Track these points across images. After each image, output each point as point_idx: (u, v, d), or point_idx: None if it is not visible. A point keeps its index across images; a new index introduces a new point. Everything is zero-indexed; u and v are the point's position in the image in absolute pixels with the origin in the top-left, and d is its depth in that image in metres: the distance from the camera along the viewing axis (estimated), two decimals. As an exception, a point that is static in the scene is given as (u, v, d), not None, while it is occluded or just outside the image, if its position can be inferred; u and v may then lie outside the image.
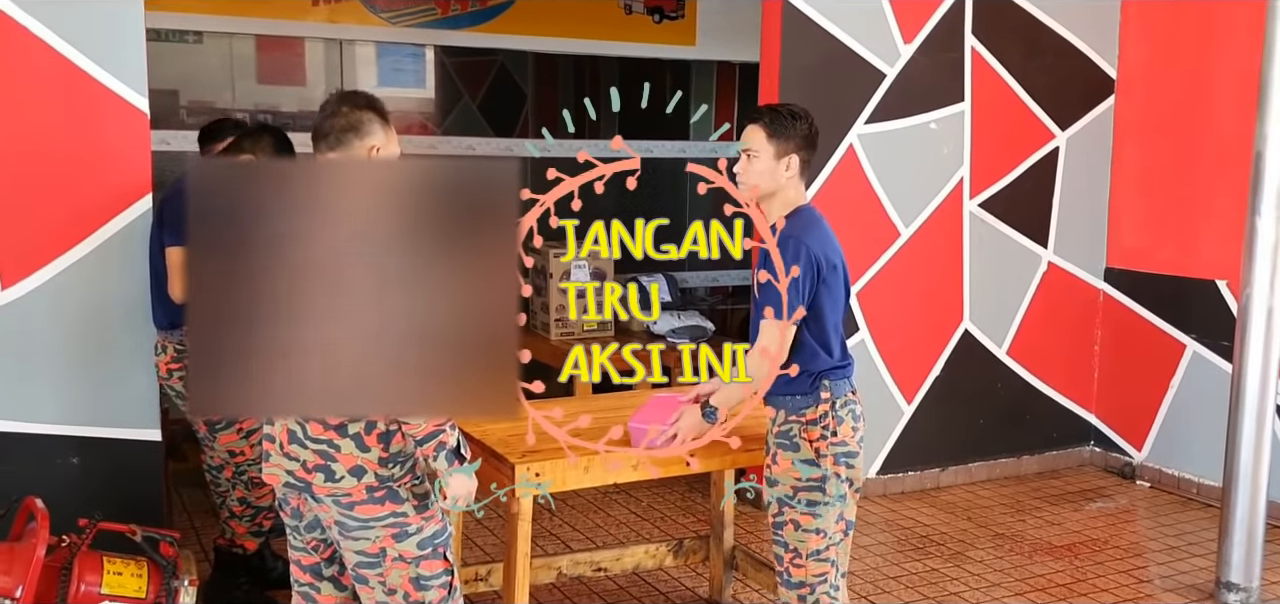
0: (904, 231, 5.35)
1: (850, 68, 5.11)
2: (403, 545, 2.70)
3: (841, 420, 3.07)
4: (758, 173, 3.03)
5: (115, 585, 3.35)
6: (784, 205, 3.07)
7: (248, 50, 6.56)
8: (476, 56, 7.05)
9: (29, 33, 3.60)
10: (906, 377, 5.46)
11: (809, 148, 3.09)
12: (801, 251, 2.95)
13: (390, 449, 2.68)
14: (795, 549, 3.08)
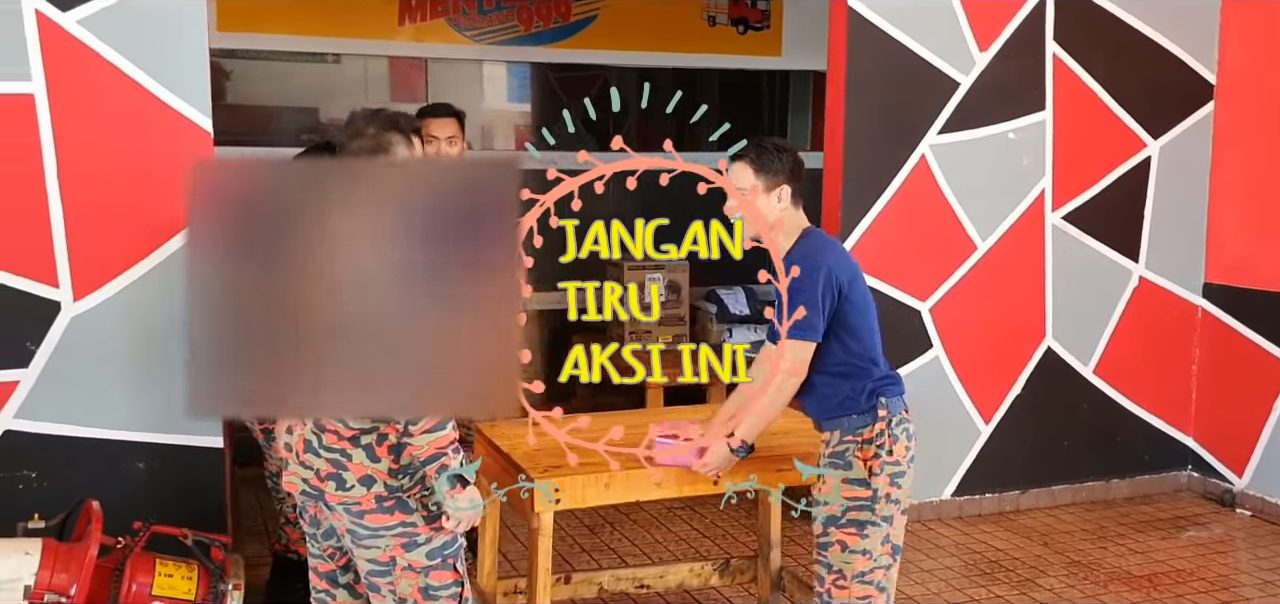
0: (981, 244, 5.18)
1: (921, 77, 4.98)
2: (412, 555, 2.74)
3: (897, 439, 3.04)
4: (748, 205, 3.04)
5: (165, 587, 3.48)
6: (790, 232, 3.11)
7: (381, 69, 6.78)
8: (580, 70, 7.11)
9: (99, 56, 3.78)
10: (984, 395, 5.28)
11: (798, 177, 3.12)
12: (818, 269, 2.97)
13: (400, 460, 2.71)
14: (840, 570, 3.04)
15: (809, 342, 2.98)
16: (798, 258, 2.96)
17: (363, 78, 6.79)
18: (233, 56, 6.39)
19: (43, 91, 3.74)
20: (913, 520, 5.15)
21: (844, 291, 3.01)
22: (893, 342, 4.97)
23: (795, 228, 3.12)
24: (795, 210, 3.12)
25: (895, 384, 3.10)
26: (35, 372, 3.81)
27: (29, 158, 3.74)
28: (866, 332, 3.08)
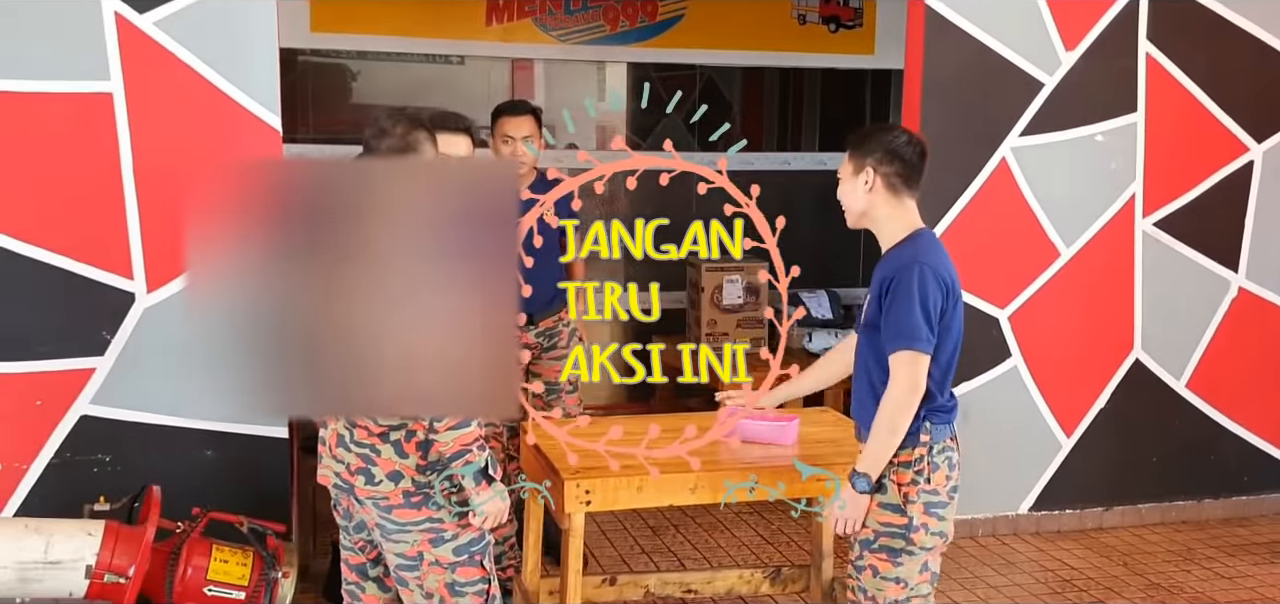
0: (1064, 251, 4.99)
1: (1002, 77, 4.81)
2: (439, 551, 2.76)
3: (937, 467, 2.87)
4: (843, 193, 2.95)
5: (221, 572, 3.59)
6: (888, 226, 2.91)
7: (502, 72, 6.87)
8: (683, 70, 7.09)
9: (173, 56, 3.91)
10: (1066, 407, 5.08)
11: (893, 162, 2.87)
12: (927, 273, 2.78)
13: (428, 457, 2.74)
14: (873, 596, 2.90)
15: (919, 352, 2.76)
16: (897, 261, 2.81)
17: (486, 77, 6.88)
18: (364, 57, 6.56)
19: (120, 90, 3.89)
20: (987, 534, 5.01)
21: (946, 301, 2.82)
22: (969, 350, 4.82)
23: (898, 224, 2.90)
24: (896, 202, 2.89)
25: (946, 411, 2.91)
26: (110, 360, 3.96)
27: (107, 154, 3.89)
28: (944, 355, 2.88)
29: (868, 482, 2.84)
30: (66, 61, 3.83)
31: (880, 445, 2.82)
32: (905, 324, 2.75)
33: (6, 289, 3.86)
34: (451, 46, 6.63)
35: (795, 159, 7.33)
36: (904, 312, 2.74)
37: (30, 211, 3.85)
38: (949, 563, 4.71)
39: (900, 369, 2.76)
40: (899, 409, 2.77)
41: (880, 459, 2.83)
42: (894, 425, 2.78)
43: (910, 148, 2.91)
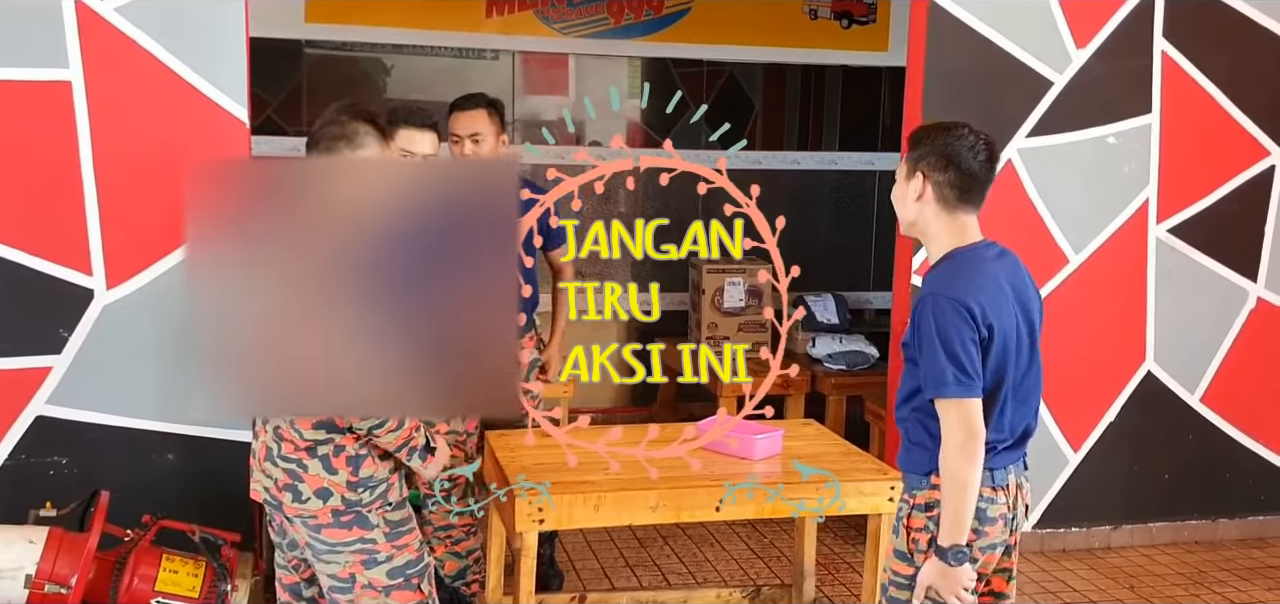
0: (1073, 258, 4.76)
1: (1009, 75, 4.60)
2: (372, 573, 2.60)
3: None
4: (894, 196, 2.61)
5: (170, 583, 3.45)
6: (937, 242, 2.56)
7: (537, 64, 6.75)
8: (705, 67, 6.91)
9: (136, 45, 3.77)
10: (1073, 421, 4.85)
11: (944, 168, 2.50)
12: (944, 305, 2.43)
13: (359, 474, 2.58)
14: None
15: (961, 398, 2.40)
16: (923, 288, 2.51)
17: (510, 72, 6.73)
18: (401, 51, 6.44)
19: (80, 79, 3.75)
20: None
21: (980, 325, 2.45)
22: (969, 360, 4.65)
23: (944, 239, 2.54)
24: (947, 217, 2.52)
25: (990, 455, 2.48)
26: (67, 358, 3.83)
27: (65, 145, 3.76)
28: (986, 385, 2.49)
29: (960, 553, 2.44)
30: (22, 47, 3.69)
31: (949, 507, 2.44)
32: (932, 369, 2.42)
33: (-40, 284, 3.73)
34: (450, 39, 6.47)
35: (806, 158, 7.14)
36: (928, 354, 2.43)
37: (-15, 204, 3.72)
38: (944, 583, 4.50)
39: (946, 418, 2.43)
40: (955, 461, 2.42)
41: (956, 521, 2.43)
42: (956, 480, 2.43)
43: (974, 155, 2.52)
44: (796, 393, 5.77)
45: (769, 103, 7.25)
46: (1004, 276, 2.57)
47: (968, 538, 2.47)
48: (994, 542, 2.56)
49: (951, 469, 2.42)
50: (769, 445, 3.27)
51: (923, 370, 2.46)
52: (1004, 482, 2.56)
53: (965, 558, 2.45)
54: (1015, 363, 2.55)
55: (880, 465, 3.27)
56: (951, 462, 2.42)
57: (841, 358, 5.84)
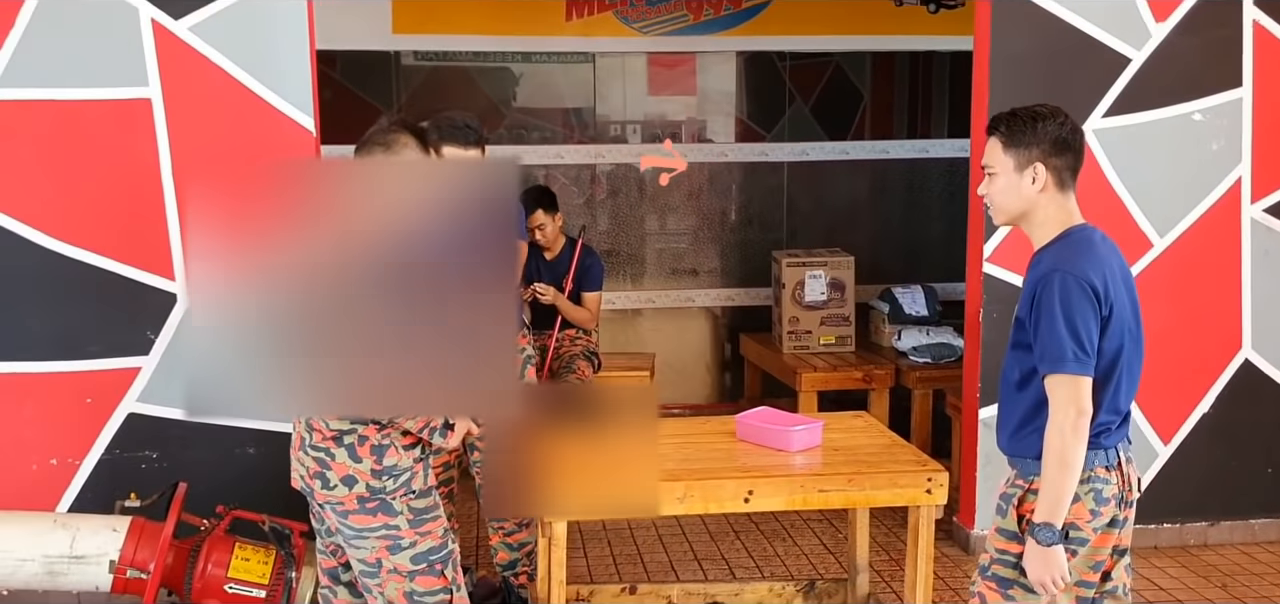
0: (1158, 242, 4.57)
1: (1082, 53, 4.44)
2: (397, 558, 2.70)
3: (1077, 498, 2.49)
4: (999, 191, 2.59)
5: (241, 570, 3.63)
6: (1047, 226, 2.57)
7: (639, 66, 6.84)
8: (812, 58, 6.90)
9: (208, 61, 3.98)
10: (1161, 412, 4.65)
11: (1061, 152, 2.54)
12: (1069, 281, 2.43)
13: (383, 462, 2.67)
14: None
15: (1077, 375, 2.41)
16: (1040, 267, 2.50)
17: (621, 74, 6.84)
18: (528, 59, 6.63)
19: (159, 96, 3.98)
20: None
21: (1104, 303, 2.46)
22: (1046, 349, 4.51)
23: (1055, 221, 2.56)
24: (1060, 197, 2.55)
25: (1105, 435, 2.51)
26: (154, 359, 4.06)
27: (147, 159, 3.99)
28: (1104, 364, 2.50)
29: (1052, 532, 2.44)
30: (106, 69, 3.94)
31: (1054, 486, 2.44)
32: (1051, 344, 2.42)
33: (57, 291, 4.00)
34: (532, 44, 6.58)
35: (895, 147, 7.02)
36: (1047, 329, 2.42)
37: (77, 216, 3.98)
38: (1019, 578, 4.38)
39: (1057, 395, 2.42)
40: (1065, 440, 2.41)
41: (1058, 500, 2.44)
42: (1063, 459, 2.42)
43: (1077, 136, 2.59)
44: (880, 388, 5.70)
45: (877, 92, 7.15)
46: (1112, 256, 2.58)
47: (1083, 518, 2.49)
48: (1108, 520, 2.55)
49: (1059, 448, 2.42)
50: (808, 437, 3.25)
51: (1041, 345, 2.44)
52: (1116, 460, 2.56)
53: (1057, 539, 2.44)
54: (1131, 343, 2.55)
55: (919, 457, 3.22)
56: (1061, 440, 2.42)
57: (927, 350, 5.73)
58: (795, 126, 6.92)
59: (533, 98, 6.77)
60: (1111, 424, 2.53)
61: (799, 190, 6.80)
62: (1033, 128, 2.53)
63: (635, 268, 6.87)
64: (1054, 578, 2.46)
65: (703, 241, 6.88)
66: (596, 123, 6.75)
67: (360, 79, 6.38)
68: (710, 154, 6.80)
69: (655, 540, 4.73)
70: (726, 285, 6.90)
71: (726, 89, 6.96)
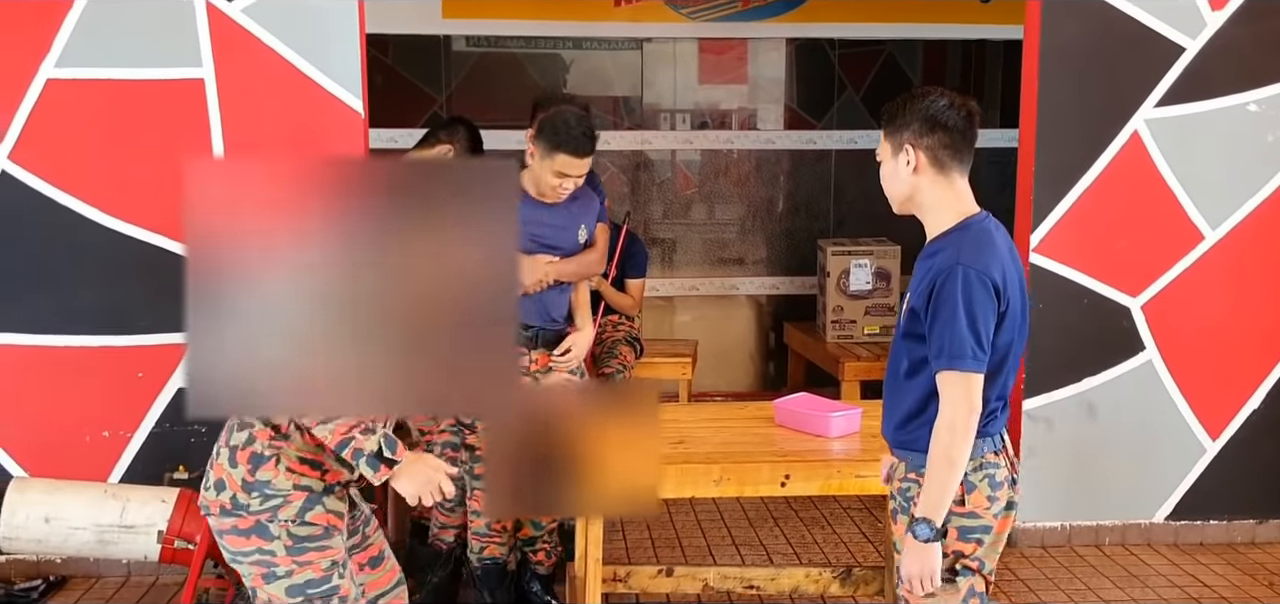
0: (1210, 234, 4.50)
1: (1135, 42, 4.38)
2: (271, 588, 2.53)
3: (972, 487, 2.45)
4: (884, 178, 2.55)
5: (285, 543, 3.68)
6: (939, 212, 2.49)
7: (689, 52, 6.84)
8: (863, 47, 6.87)
9: (260, 42, 4.04)
10: (1210, 408, 4.58)
11: (932, 131, 2.45)
12: (971, 277, 2.35)
13: (256, 475, 2.51)
14: None
15: (973, 372, 2.35)
16: (940, 260, 2.40)
17: (671, 61, 6.86)
18: (579, 45, 6.66)
19: (211, 76, 4.05)
20: (1115, 543, 4.59)
21: (1002, 299, 2.39)
22: (1094, 342, 4.47)
23: (946, 208, 2.48)
24: (942, 180, 2.47)
25: (992, 421, 2.47)
26: (204, 335, 4.13)
27: (200, 137, 4.07)
28: (996, 357, 2.43)
29: (930, 528, 2.40)
30: (161, 50, 4.02)
31: (939, 483, 2.39)
32: (948, 340, 2.35)
33: (109, 267, 4.09)
34: (581, 29, 6.60)
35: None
36: (947, 324, 2.35)
37: (130, 193, 4.06)
38: (1060, 570, 4.35)
39: (950, 390, 2.36)
40: (955, 437, 2.36)
41: (942, 498, 2.40)
42: (950, 457, 2.37)
43: (953, 112, 2.47)
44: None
45: (928, 81, 7.08)
46: (1006, 246, 2.50)
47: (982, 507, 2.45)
48: (1005, 504, 2.50)
49: (948, 445, 2.37)
50: (846, 423, 3.24)
51: (938, 340, 2.37)
52: (1001, 444, 2.53)
53: (935, 537, 2.40)
54: (1018, 332, 2.48)
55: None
56: (951, 437, 2.36)
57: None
58: (845, 115, 6.88)
59: (582, 85, 6.79)
60: (997, 410, 2.48)
61: (846, 178, 6.76)
62: (903, 109, 2.48)
63: (682, 255, 6.87)
64: (925, 575, 2.42)
65: (749, 230, 6.87)
66: (644, 110, 6.77)
67: (411, 64, 6.44)
68: (757, 141, 6.78)
69: (693, 525, 4.76)
70: (771, 273, 6.88)
71: (776, 76, 6.93)
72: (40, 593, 4.06)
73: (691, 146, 6.74)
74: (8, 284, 4.07)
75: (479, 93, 6.56)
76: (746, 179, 6.83)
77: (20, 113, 4.01)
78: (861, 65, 6.87)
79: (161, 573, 4.20)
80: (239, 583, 3.60)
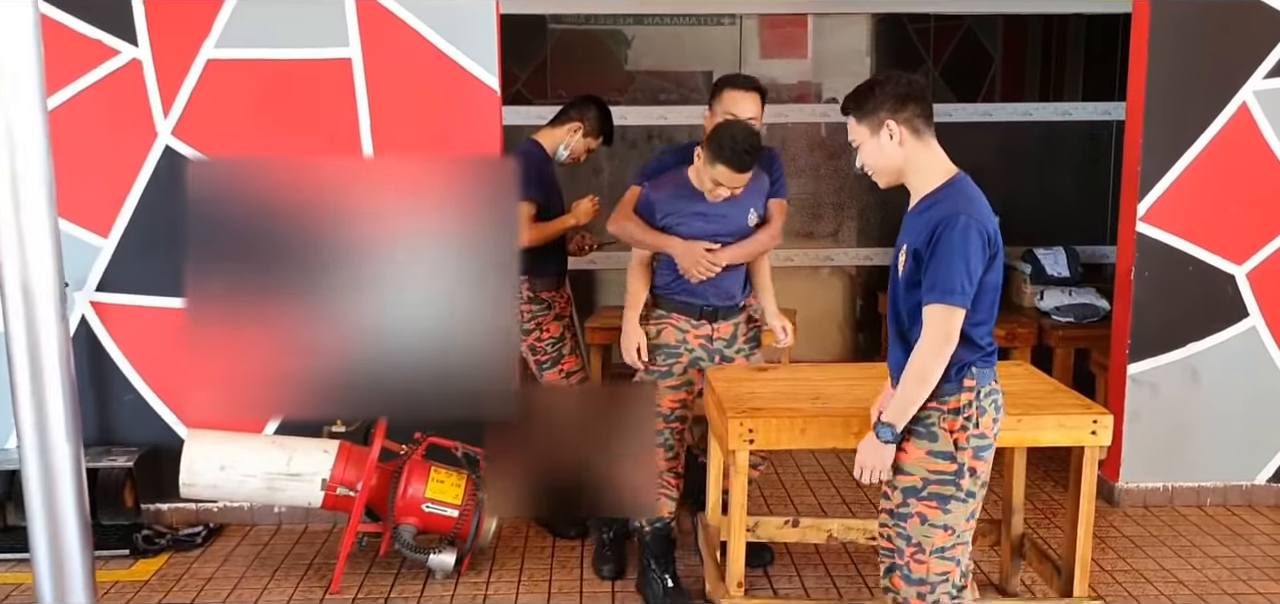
0: (1318, 204, 4.60)
1: (1243, 14, 4.47)
2: None
3: (984, 411, 2.78)
4: (868, 158, 2.83)
5: (437, 491, 3.96)
6: (928, 174, 2.78)
7: (752, 27, 7.02)
8: (942, 21, 7.00)
9: (402, 22, 4.29)
10: (1319, 372, 4.70)
11: (904, 105, 2.75)
12: (971, 227, 2.65)
13: None
14: (919, 543, 2.81)
15: (956, 307, 2.66)
16: (940, 210, 2.69)
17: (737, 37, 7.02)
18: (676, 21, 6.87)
19: (358, 56, 4.31)
20: (1217, 504, 4.73)
21: (990, 252, 2.70)
22: (1198, 307, 4.60)
23: (935, 170, 2.78)
24: (922, 145, 2.77)
25: (988, 357, 2.80)
26: (351, 299, 4.41)
27: (348, 114, 4.33)
28: (985, 302, 2.75)
29: (893, 432, 2.77)
30: (312, 31, 4.28)
31: (909, 397, 2.74)
32: (945, 278, 2.65)
33: (265, 235, 4.37)
34: (674, 5, 6.77)
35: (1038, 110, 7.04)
36: (946, 266, 2.65)
37: (284, 166, 4.33)
38: (1164, 528, 4.50)
39: (935, 321, 2.68)
40: (931, 360, 2.69)
41: (908, 410, 2.75)
42: (925, 376, 2.71)
43: (914, 86, 2.79)
44: (1022, 346, 5.80)
45: (1009, 55, 7.19)
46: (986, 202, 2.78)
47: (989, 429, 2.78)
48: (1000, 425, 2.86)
49: (925, 367, 2.69)
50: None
51: (933, 275, 2.66)
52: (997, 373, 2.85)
53: (896, 440, 2.78)
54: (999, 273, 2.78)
55: (1083, 401, 3.36)
56: (930, 360, 2.68)
57: (1069, 310, 5.81)
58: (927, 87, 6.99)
59: (673, 60, 6.97)
60: (993, 348, 2.81)
61: (938, 151, 6.89)
62: (872, 94, 2.76)
63: (782, 226, 7.05)
64: (878, 469, 2.82)
65: (841, 201, 7.03)
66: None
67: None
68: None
69: (803, 485, 4.96)
70: (863, 245, 7.04)
71: (859, 50, 7.07)
72: (202, 538, 4.37)
73: (785, 120, 6.91)
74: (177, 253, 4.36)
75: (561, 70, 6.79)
76: (838, 152, 6.99)
77: (183, 91, 4.30)
78: (942, 39, 6.98)
79: (311, 522, 4.51)
80: (394, 528, 3.90)
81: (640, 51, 6.97)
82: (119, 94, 4.28)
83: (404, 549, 3.90)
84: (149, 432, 4.44)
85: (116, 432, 4.42)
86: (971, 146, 6.98)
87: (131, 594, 3.94)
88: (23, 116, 2.64)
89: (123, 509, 4.31)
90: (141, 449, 4.37)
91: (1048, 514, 4.61)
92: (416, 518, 3.93)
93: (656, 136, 6.72)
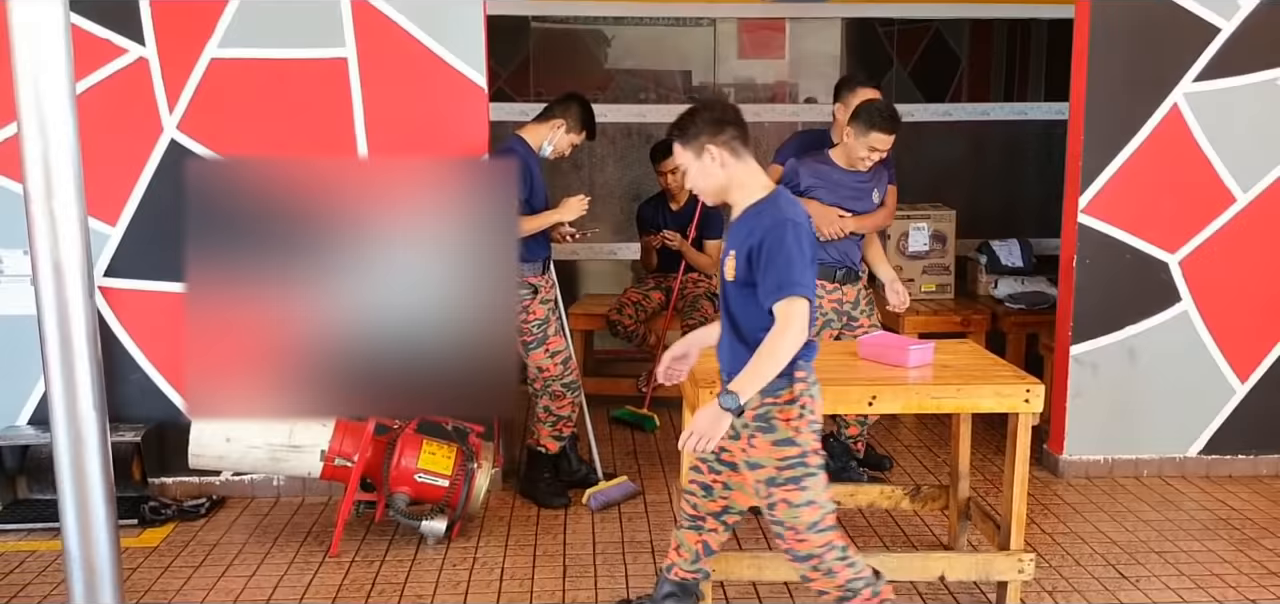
0: (1241, 197, 4.97)
1: (1175, 23, 4.84)
2: None
3: (815, 398, 3.06)
4: (693, 179, 3.10)
5: (429, 462, 4.25)
6: (748, 189, 3.05)
7: (730, 30, 7.33)
8: (910, 24, 7.33)
9: (394, 23, 4.57)
10: (1240, 354, 5.07)
11: (721, 128, 3.03)
12: (803, 231, 2.95)
13: None
14: (793, 526, 3.06)
15: (806, 297, 2.92)
16: (766, 221, 2.95)
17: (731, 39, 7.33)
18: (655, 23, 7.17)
19: (354, 56, 4.59)
20: (1153, 475, 5.09)
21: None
22: (1135, 293, 4.96)
23: (753, 183, 3.05)
24: (741, 164, 3.04)
25: (809, 347, 3.04)
26: (345, 284, 4.69)
27: (343, 112, 4.61)
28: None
29: (736, 401, 2.91)
30: (310, 32, 4.55)
31: (760, 375, 2.92)
32: (791, 275, 2.90)
33: (265, 224, 4.63)
34: (652, 10, 7.08)
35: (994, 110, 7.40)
36: (786, 263, 2.90)
37: (283, 159, 4.61)
38: (1103, 497, 4.86)
39: (789, 311, 2.90)
40: (786, 347, 2.91)
41: (756, 384, 2.93)
42: (778, 360, 2.92)
43: (728, 112, 3.07)
44: (977, 331, 6.16)
45: (976, 57, 7.54)
46: None
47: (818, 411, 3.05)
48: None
49: (777, 348, 2.90)
50: (922, 355, 3.76)
51: (778, 276, 2.90)
52: None
53: (737, 413, 2.92)
54: None
55: (1018, 373, 3.69)
56: (785, 345, 2.90)
57: (1022, 298, 6.17)
58: (897, 89, 7.35)
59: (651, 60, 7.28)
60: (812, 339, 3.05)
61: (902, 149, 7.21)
62: (693, 121, 3.04)
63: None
64: (712, 438, 2.92)
65: (810, 197, 7.36)
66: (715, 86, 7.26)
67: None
68: (819, 114, 7.26)
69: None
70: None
71: (830, 53, 7.40)
72: (206, 509, 4.64)
73: (758, 119, 7.23)
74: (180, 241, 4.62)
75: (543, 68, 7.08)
76: (808, 150, 7.31)
77: (188, 88, 4.57)
78: (910, 42, 7.33)
79: (308, 494, 4.79)
80: (389, 496, 4.19)
81: (620, 51, 7.28)
82: (127, 90, 4.55)
83: (398, 516, 4.19)
84: (154, 409, 4.70)
85: (124, 409, 4.68)
86: (936, 146, 7.41)
87: (141, 559, 4.20)
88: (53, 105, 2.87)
89: (131, 482, 4.57)
90: (148, 425, 4.63)
91: (997, 484, 4.97)
92: (410, 487, 4.22)
93: (636, 133, 7.06)
